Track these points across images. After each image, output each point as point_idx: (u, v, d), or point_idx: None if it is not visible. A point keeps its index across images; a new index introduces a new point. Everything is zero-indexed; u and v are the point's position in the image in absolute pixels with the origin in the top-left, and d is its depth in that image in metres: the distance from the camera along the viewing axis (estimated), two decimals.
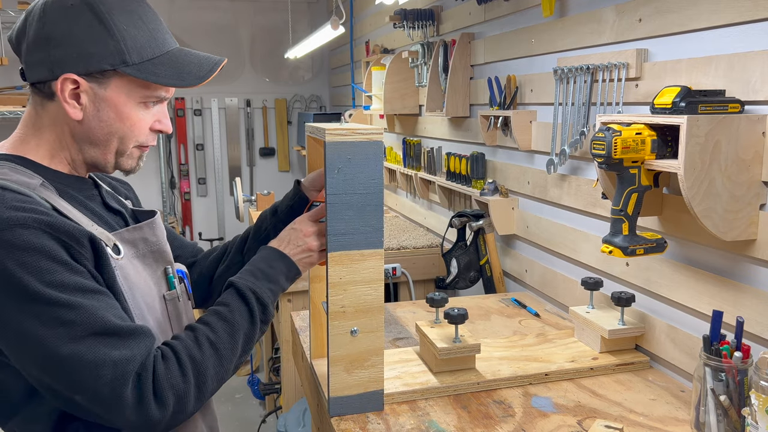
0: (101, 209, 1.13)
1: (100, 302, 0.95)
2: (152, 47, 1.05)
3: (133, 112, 1.06)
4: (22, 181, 0.99)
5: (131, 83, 1.04)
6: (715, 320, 1.15)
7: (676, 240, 1.43)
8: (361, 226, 1.18)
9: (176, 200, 5.22)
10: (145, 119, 1.08)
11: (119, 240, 1.07)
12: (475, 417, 1.28)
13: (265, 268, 1.16)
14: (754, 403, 1.00)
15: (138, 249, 1.11)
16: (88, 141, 1.06)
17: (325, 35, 3.22)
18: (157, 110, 1.10)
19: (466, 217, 2.23)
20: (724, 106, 1.21)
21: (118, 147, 1.07)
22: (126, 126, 1.06)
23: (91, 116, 1.03)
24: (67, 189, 1.06)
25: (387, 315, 1.90)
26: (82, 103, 1.02)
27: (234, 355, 1.06)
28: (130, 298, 1.04)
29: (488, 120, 2.20)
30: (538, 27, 1.93)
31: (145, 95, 1.06)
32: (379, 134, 1.17)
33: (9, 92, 4.11)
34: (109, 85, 1.03)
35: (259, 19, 5.21)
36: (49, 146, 1.06)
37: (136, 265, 1.09)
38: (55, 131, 1.06)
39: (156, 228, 1.18)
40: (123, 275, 1.04)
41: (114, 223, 1.12)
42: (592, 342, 1.55)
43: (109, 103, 1.03)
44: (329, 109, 5.49)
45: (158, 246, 1.16)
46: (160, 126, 1.11)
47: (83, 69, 1.00)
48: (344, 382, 1.24)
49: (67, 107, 1.01)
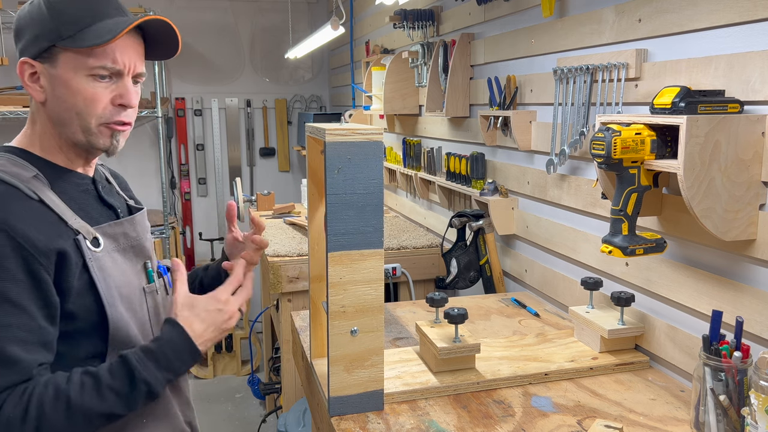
0: (94, 202, 1.18)
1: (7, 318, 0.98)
2: (87, 19, 1.08)
3: (82, 86, 1.09)
4: (15, 173, 1.07)
5: (76, 57, 1.07)
6: (714, 320, 1.15)
7: (676, 240, 1.43)
8: (361, 226, 1.18)
9: (176, 200, 5.22)
10: (100, 92, 1.10)
11: (101, 233, 1.14)
12: (475, 417, 1.28)
13: (172, 358, 1.09)
14: (754, 402, 1.00)
15: (119, 243, 1.18)
16: (57, 122, 1.11)
17: (325, 35, 3.22)
18: (118, 85, 1.12)
19: (466, 217, 2.23)
20: (723, 106, 1.21)
21: (81, 124, 1.11)
22: (79, 100, 1.09)
23: (50, 96, 1.10)
24: (61, 182, 1.13)
25: (387, 315, 1.90)
26: (42, 85, 1.10)
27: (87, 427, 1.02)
28: (104, 287, 1.10)
29: (488, 120, 2.20)
30: (538, 27, 1.94)
31: (91, 66, 1.08)
32: (379, 134, 1.17)
33: (9, 92, 4.10)
34: (58, 63, 1.08)
35: (259, 19, 5.21)
36: (40, 136, 1.14)
37: (115, 257, 1.15)
38: (41, 119, 1.13)
39: (137, 224, 1.24)
40: (98, 266, 1.10)
41: (101, 217, 1.18)
42: (591, 342, 1.55)
43: (60, 80, 1.08)
44: (329, 109, 5.49)
45: (138, 241, 1.23)
46: (121, 100, 1.12)
47: (34, 51, 1.08)
48: (344, 381, 1.24)
49: (29, 90, 1.10)
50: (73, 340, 1.09)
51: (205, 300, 1.16)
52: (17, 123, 4.44)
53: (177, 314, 1.13)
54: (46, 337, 1.03)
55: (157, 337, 1.11)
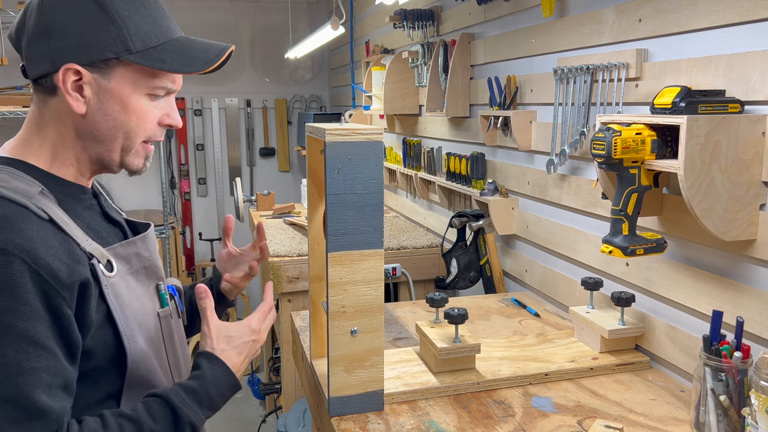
0: (99, 220, 1.07)
1: (33, 362, 0.87)
2: (156, 34, 0.99)
3: (139, 105, 1.00)
4: (20, 189, 0.93)
5: (136, 73, 0.98)
6: (715, 320, 1.15)
7: (676, 240, 1.43)
8: (361, 226, 1.18)
9: (176, 200, 5.22)
10: (152, 112, 1.02)
11: (113, 255, 1.02)
12: (475, 417, 1.28)
13: (215, 396, 1.02)
14: (754, 403, 1.00)
15: (132, 265, 1.06)
16: (92, 137, 1.00)
17: (325, 35, 3.22)
18: (165, 104, 1.05)
19: (466, 217, 2.23)
20: (723, 106, 1.21)
21: (124, 143, 1.01)
22: (132, 119, 1.00)
23: (95, 109, 0.98)
24: (67, 198, 1.00)
25: (387, 315, 1.90)
26: (86, 95, 0.97)
27: None
28: (121, 318, 0.99)
29: (488, 120, 2.20)
30: (538, 27, 1.93)
31: (152, 86, 1.00)
32: (379, 134, 1.17)
33: (9, 92, 4.10)
34: (114, 76, 0.97)
35: (259, 19, 5.21)
36: (52, 146, 1.00)
37: (129, 282, 1.04)
38: (59, 129, 1.00)
39: (149, 242, 1.13)
40: (114, 294, 0.99)
41: (109, 236, 1.06)
42: (592, 342, 1.55)
43: (113, 95, 0.98)
44: (329, 109, 5.49)
45: (151, 261, 1.12)
46: (169, 120, 1.05)
47: (85, 59, 0.95)
48: (344, 382, 1.24)
49: (70, 100, 0.96)
50: (89, 379, 0.98)
51: (239, 330, 1.09)
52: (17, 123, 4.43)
53: (215, 348, 1.05)
54: (69, 379, 0.92)
55: (198, 374, 1.02)
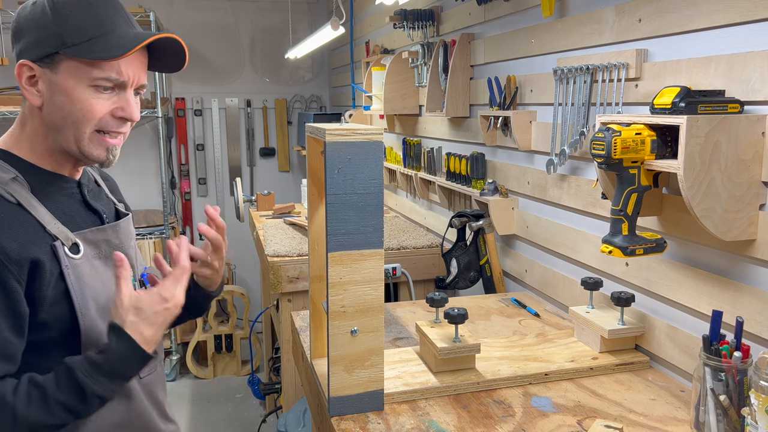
0: (77, 207, 1.16)
1: None
2: (94, 29, 1.06)
3: (83, 96, 1.06)
4: None
5: (78, 66, 1.05)
6: (714, 320, 1.15)
7: (676, 240, 1.43)
8: (361, 226, 1.18)
9: (176, 200, 5.22)
10: (99, 103, 1.08)
11: (81, 239, 1.11)
12: (475, 417, 1.28)
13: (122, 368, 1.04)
14: (754, 402, 1.00)
15: (100, 250, 1.15)
16: (52, 127, 1.09)
17: (325, 35, 3.22)
18: (119, 97, 1.10)
19: (466, 217, 2.23)
20: (723, 106, 1.21)
21: (75, 132, 1.08)
22: (77, 109, 1.07)
23: (47, 101, 1.07)
24: (43, 185, 1.10)
25: (387, 315, 1.90)
26: (40, 89, 1.07)
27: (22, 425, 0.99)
28: (79, 296, 1.07)
29: (488, 120, 2.20)
30: (538, 27, 1.94)
31: (94, 76, 1.06)
32: (379, 134, 1.17)
33: (9, 92, 4.10)
34: (60, 70, 1.06)
35: (259, 19, 5.21)
36: (30, 139, 1.11)
37: (96, 265, 1.13)
38: (33, 123, 1.11)
39: (120, 231, 1.21)
40: (75, 274, 1.08)
41: (84, 222, 1.15)
42: (591, 342, 1.55)
43: (60, 88, 1.06)
44: (329, 109, 5.49)
45: (120, 248, 1.19)
46: (122, 113, 1.10)
47: (34, 55, 1.06)
48: (344, 381, 1.24)
49: (26, 94, 1.07)
50: (43, 350, 1.06)
51: (149, 300, 1.07)
52: None
53: (124, 321, 1.05)
54: (9, 350, 1.01)
55: (104, 348, 1.04)
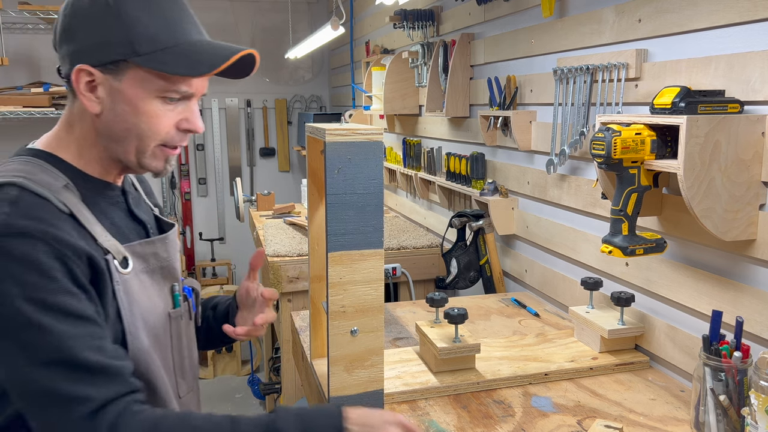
0: (123, 217, 1.09)
1: (78, 329, 0.90)
2: (166, 36, 0.98)
3: (150, 107, 0.99)
4: (45, 182, 0.95)
5: (147, 75, 0.98)
6: (714, 320, 1.15)
7: (676, 240, 1.43)
8: (361, 226, 1.18)
9: (176, 200, 5.22)
10: (166, 116, 1.01)
11: (130, 253, 1.03)
12: (475, 417, 1.28)
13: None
14: (754, 402, 1.00)
15: (148, 264, 1.08)
16: (109, 137, 1.02)
17: (325, 35, 3.22)
18: (184, 108, 1.03)
19: (466, 217, 2.23)
20: (723, 106, 1.21)
21: (138, 145, 1.02)
22: (143, 122, 1.00)
23: (108, 110, 0.99)
24: (92, 194, 1.02)
25: (387, 315, 1.90)
26: (99, 95, 0.98)
27: None
28: (128, 314, 1.00)
29: (488, 120, 2.20)
30: (538, 27, 1.93)
31: (163, 88, 0.99)
32: (379, 134, 1.17)
33: (9, 92, 4.10)
34: (125, 77, 0.97)
35: (259, 19, 5.21)
36: (78, 143, 1.03)
37: (143, 280, 1.05)
38: (83, 127, 1.02)
39: (169, 244, 1.14)
40: (125, 290, 1.00)
41: (131, 234, 1.08)
42: (591, 342, 1.55)
43: (124, 97, 0.98)
44: (329, 109, 5.49)
45: (168, 262, 1.13)
46: (187, 125, 1.04)
47: (96, 60, 0.96)
48: (344, 381, 1.24)
49: (84, 100, 0.98)
50: None
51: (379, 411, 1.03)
52: (17, 123, 4.44)
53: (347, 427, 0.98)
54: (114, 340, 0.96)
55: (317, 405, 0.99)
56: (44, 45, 4.67)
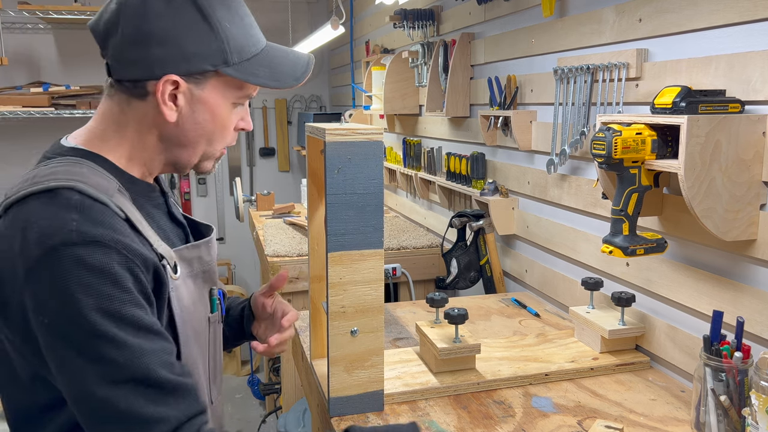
0: (166, 220, 1.07)
1: (151, 344, 0.87)
2: (249, 46, 1.00)
3: (226, 114, 1.01)
4: (100, 185, 0.91)
5: (227, 84, 0.99)
6: (715, 320, 1.14)
7: (677, 240, 1.43)
8: (361, 226, 1.18)
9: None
10: (232, 120, 1.04)
11: (178, 258, 1.01)
12: (475, 417, 1.27)
13: None
14: (755, 403, 1.00)
15: (192, 268, 1.05)
16: (177, 143, 1.01)
17: (325, 35, 3.22)
18: (240, 109, 1.05)
19: (466, 217, 2.23)
20: (724, 106, 1.21)
21: (206, 149, 1.03)
22: (218, 127, 1.01)
23: (185, 118, 0.98)
24: (139, 197, 1.00)
25: (387, 315, 1.90)
26: (179, 104, 0.97)
27: None
28: (181, 323, 0.98)
29: (488, 120, 2.20)
30: (538, 27, 1.93)
31: (240, 95, 1.01)
32: (379, 134, 1.17)
33: (9, 92, 4.10)
34: (207, 86, 0.97)
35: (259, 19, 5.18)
36: (130, 146, 1.00)
37: (188, 284, 1.03)
38: (140, 131, 0.99)
39: (211, 247, 1.13)
40: (177, 297, 0.98)
41: (175, 237, 1.07)
42: (592, 342, 1.55)
43: (206, 105, 0.98)
44: (329, 109, 5.49)
45: (210, 266, 1.12)
46: (243, 124, 1.06)
47: (185, 69, 0.94)
48: (344, 382, 1.24)
49: (164, 109, 0.95)
50: None
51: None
52: (17, 123, 4.44)
53: None
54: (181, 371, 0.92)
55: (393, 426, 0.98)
56: (44, 45, 4.67)
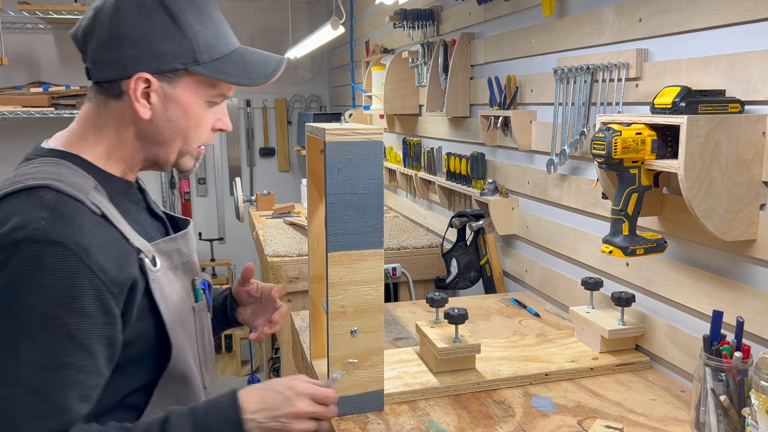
0: (144, 215, 1.12)
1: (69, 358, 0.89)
2: (220, 46, 1.04)
3: (199, 111, 1.05)
4: (76, 183, 0.96)
5: (200, 82, 1.04)
6: (715, 320, 1.15)
7: (676, 240, 1.43)
8: (361, 226, 1.18)
9: (176, 200, 5.21)
10: (208, 119, 1.08)
11: (157, 251, 1.05)
12: (475, 417, 1.27)
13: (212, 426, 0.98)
14: (754, 403, 1.00)
15: (172, 260, 1.10)
16: (153, 140, 1.05)
17: (325, 35, 3.22)
18: (217, 109, 1.10)
19: (466, 217, 2.23)
20: (724, 106, 1.21)
21: (182, 147, 1.07)
22: (192, 125, 1.06)
23: (159, 115, 1.03)
24: (116, 194, 1.04)
25: (387, 315, 1.90)
26: (152, 102, 1.01)
27: None
28: (165, 312, 1.03)
29: (488, 120, 2.20)
30: (538, 27, 1.93)
31: (212, 94, 1.06)
32: (379, 134, 1.17)
33: (9, 92, 4.10)
34: (179, 84, 1.02)
35: (259, 19, 5.21)
36: (108, 145, 1.04)
37: (169, 276, 1.08)
38: (118, 130, 1.04)
39: (189, 239, 1.18)
40: (159, 288, 1.02)
41: (153, 232, 1.11)
42: (592, 342, 1.55)
43: (177, 102, 1.03)
44: (329, 109, 5.49)
45: (189, 257, 1.16)
46: (221, 125, 1.11)
47: (156, 68, 1.00)
48: (344, 382, 1.24)
49: (137, 106, 1.00)
50: (121, 370, 0.99)
51: (280, 382, 1.06)
52: (16, 123, 4.44)
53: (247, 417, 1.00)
54: (99, 383, 0.94)
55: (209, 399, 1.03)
56: (44, 45, 4.67)
